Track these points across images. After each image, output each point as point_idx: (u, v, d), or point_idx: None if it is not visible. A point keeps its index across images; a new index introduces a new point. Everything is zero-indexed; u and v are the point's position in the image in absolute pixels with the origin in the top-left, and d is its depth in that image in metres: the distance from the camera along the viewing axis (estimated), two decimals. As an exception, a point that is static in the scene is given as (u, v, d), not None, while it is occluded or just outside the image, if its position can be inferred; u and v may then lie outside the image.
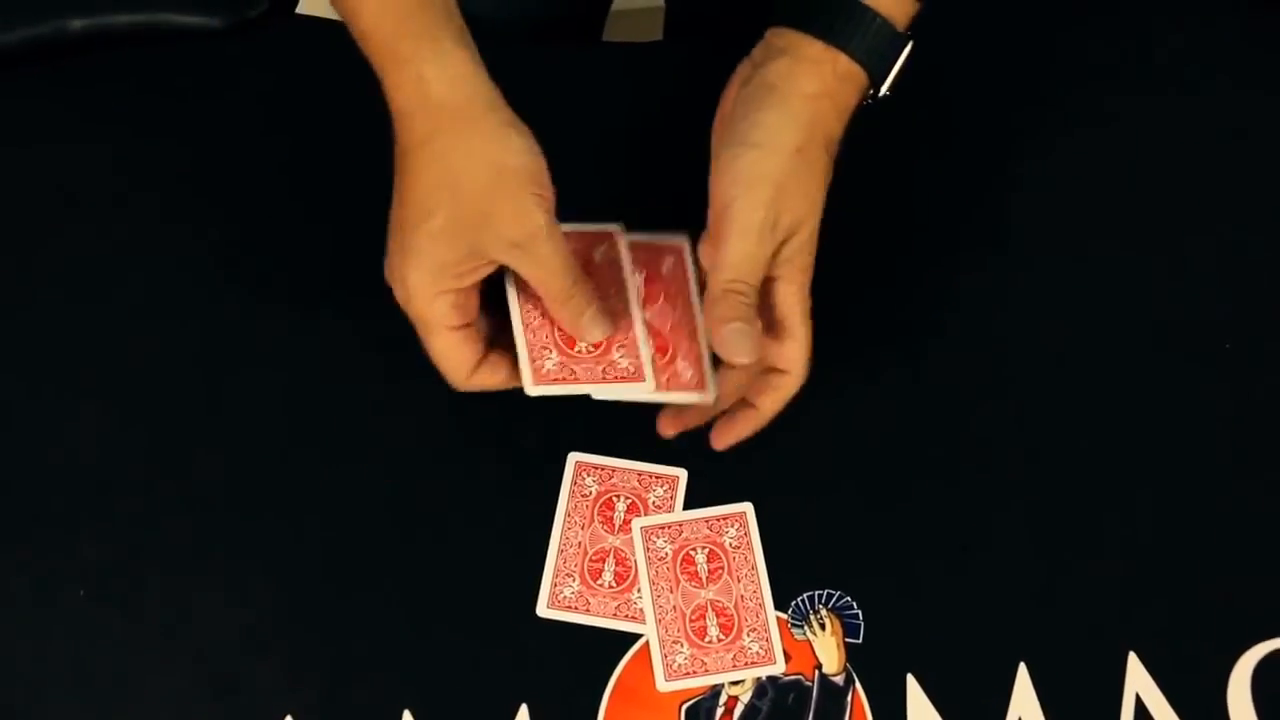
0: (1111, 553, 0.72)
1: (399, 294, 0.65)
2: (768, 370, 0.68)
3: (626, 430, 0.74)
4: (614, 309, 0.68)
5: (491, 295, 0.67)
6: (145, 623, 0.71)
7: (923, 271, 0.77)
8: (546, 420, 0.75)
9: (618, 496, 0.74)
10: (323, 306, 0.78)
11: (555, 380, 0.67)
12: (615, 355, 0.68)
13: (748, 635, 0.70)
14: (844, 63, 0.66)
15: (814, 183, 0.66)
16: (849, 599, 0.71)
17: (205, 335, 0.77)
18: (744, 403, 0.69)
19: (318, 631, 0.71)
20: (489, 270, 0.64)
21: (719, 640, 0.70)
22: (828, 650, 0.70)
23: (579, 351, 0.68)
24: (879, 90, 0.68)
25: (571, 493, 0.74)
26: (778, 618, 0.71)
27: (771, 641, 0.70)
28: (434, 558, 0.72)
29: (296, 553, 0.72)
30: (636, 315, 0.69)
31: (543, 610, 0.71)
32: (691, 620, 0.71)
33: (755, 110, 0.65)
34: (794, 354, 0.67)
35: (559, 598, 0.71)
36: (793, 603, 0.71)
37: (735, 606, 0.71)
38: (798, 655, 0.70)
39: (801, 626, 0.71)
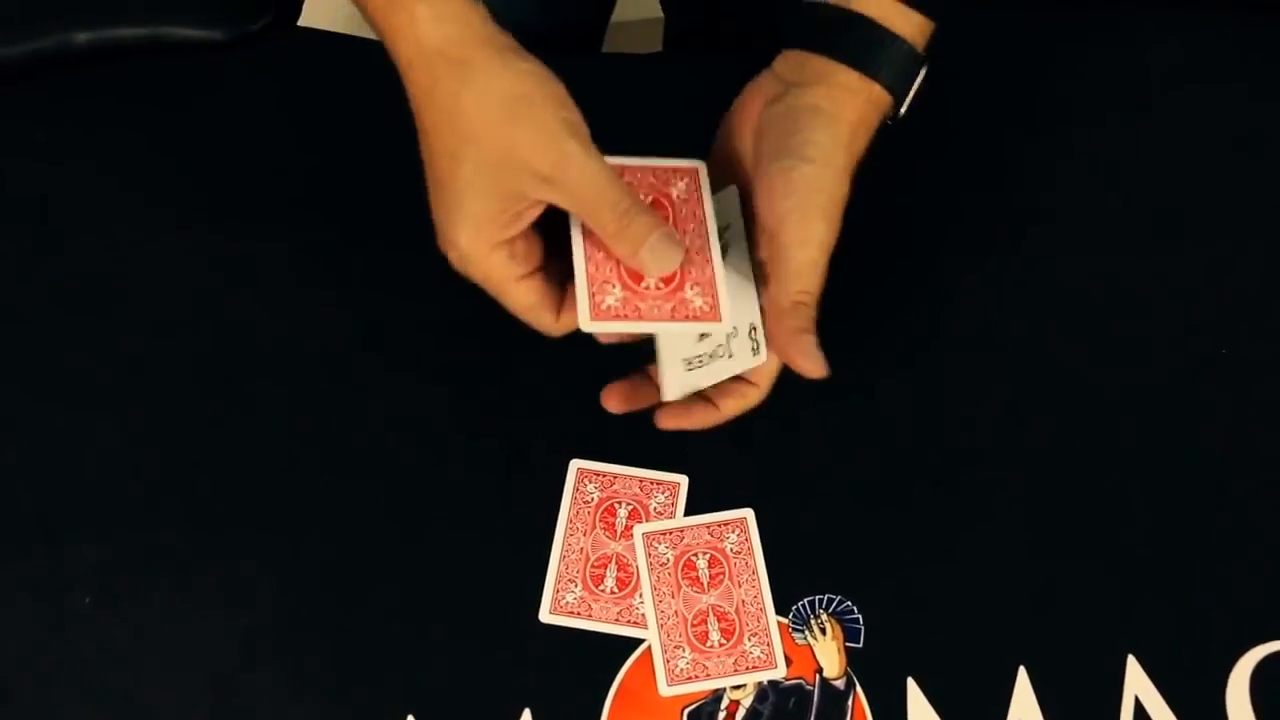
0: (1110, 556, 0.73)
1: (454, 260, 0.62)
2: (738, 379, 0.68)
3: (628, 437, 0.75)
4: (689, 246, 0.64)
5: (564, 233, 0.64)
6: (148, 629, 0.71)
7: (923, 276, 0.77)
8: (548, 427, 0.76)
9: (619, 503, 0.74)
10: (325, 316, 0.79)
11: (617, 316, 0.63)
12: (689, 293, 0.64)
13: (749, 640, 0.71)
14: (877, 91, 0.67)
15: (841, 209, 0.66)
16: (849, 604, 0.72)
17: (208, 345, 0.78)
18: (705, 399, 0.69)
19: (320, 638, 0.71)
20: (535, 212, 0.61)
21: (720, 645, 0.71)
22: (828, 654, 0.71)
23: (646, 287, 0.63)
24: (898, 113, 0.69)
25: (573, 499, 0.74)
26: (779, 622, 0.71)
27: (773, 646, 0.71)
28: (436, 564, 0.73)
29: (299, 560, 0.73)
30: (715, 252, 0.65)
31: (545, 616, 0.71)
32: (693, 625, 0.71)
33: (806, 129, 0.65)
34: (767, 370, 0.68)
35: (561, 603, 0.72)
36: (793, 607, 0.72)
37: (736, 611, 0.71)
38: (799, 660, 0.71)
39: (802, 631, 0.71)
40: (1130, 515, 0.74)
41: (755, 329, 0.66)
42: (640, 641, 0.71)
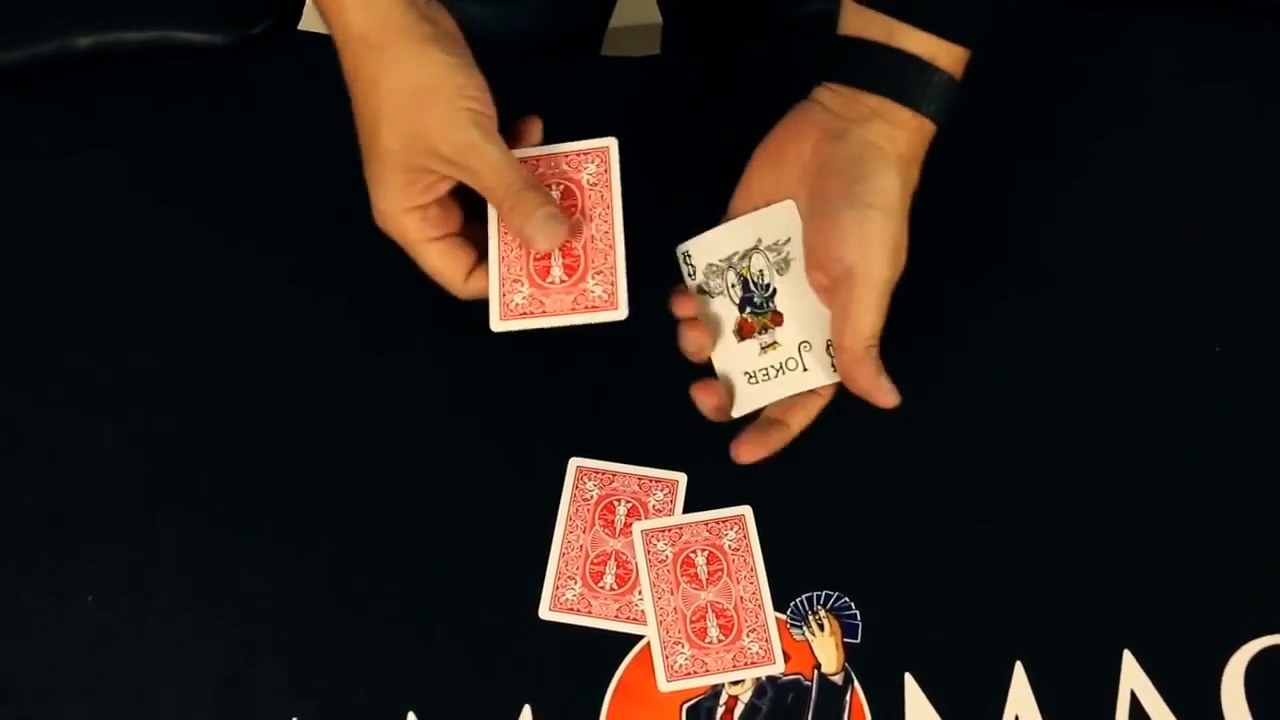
0: (1106, 553, 0.73)
1: (377, 221, 0.66)
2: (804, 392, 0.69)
3: (627, 435, 0.75)
4: (594, 233, 0.66)
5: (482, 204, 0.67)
6: (151, 630, 0.72)
7: (921, 279, 0.77)
8: (548, 426, 0.76)
9: (618, 500, 0.75)
10: (325, 317, 0.79)
11: (523, 314, 0.66)
12: (589, 282, 0.66)
13: (747, 636, 0.71)
14: (928, 126, 0.68)
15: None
16: (847, 600, 0.72)
17: (209, 346, 0.78)
18: (773, 420, 0.70)
19: (321, 636, 0.72)
20: (445, 186, 0.65)
21: (719, 641, 0.71)
22: (826, 650, 0.71)
23: (551, 282, 0.66)
24: (936, 138, 0.70)
25: (573, 497, 0.75)
26: (777, 618, 0.72)
27: (771, 642, 0.71)
28: (436, 562, 0.73)
29: (299, 559, 0.73)
30: (619, 238, 0.66)
31: (545, 613, 0.72)
32: (692, 621, 0.72)
33: (874, 175, 0.66)
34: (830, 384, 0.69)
35: (561, 600, 0.72)
36: (791, 604, 0.72)
37: (735, 608, 0.72)
38: (797, 655, 0.71)
39: (800, 627, 0.72)
40: (1126, 513, 0.74)
41: (831, 344, 0.67)
42: (639, 638, 0.72)
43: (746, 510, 0.74)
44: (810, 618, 0.72)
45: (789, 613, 0.72)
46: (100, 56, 0.86)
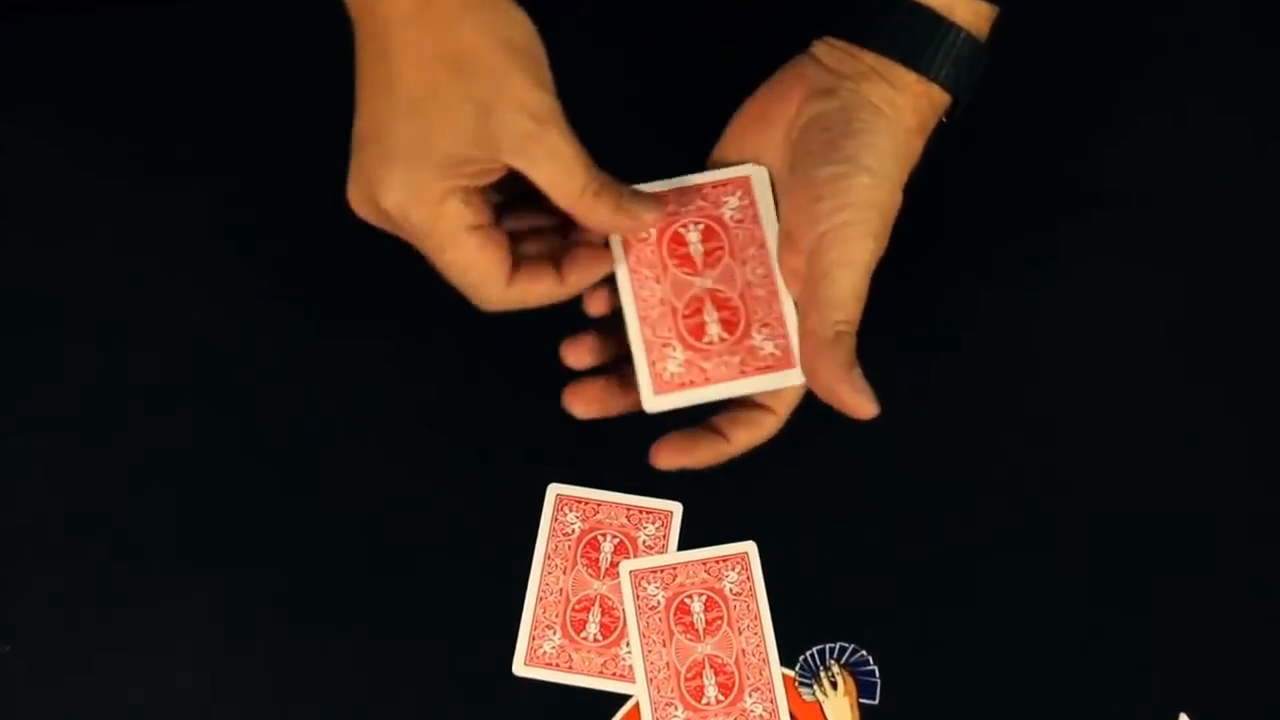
0: (1157, 599, 0.64)
1: (389, 204, 0.53)
2: (751, 404, 0.59)
3: (613, 457, 0.66)
4: (749, 278, 0.57)
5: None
6: (81, 677, 0.64)
7: (940, 292, 0.68)
8: (522, 445, 0.67)
9: (604, 535, 0.65)
10: (274, 319, 0.69)
11: (682, 385, 0.56)
12: (756, 338, 0.57)
13: (750, 696, 0.63)
14: (937, 94, 0.57)
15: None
16: (864, 654, 0.64)
17: (145, 356, 0.69)
18: (712, 428, 0.59)
19: (276, 690, 0.64)
20: (497, 173, 0.54)
21: (718, 702, 0.63)
22: (840, 712, 0.63)
23: (708, 342, 0.57)
24: (955, 112, 0.59)
25: (552, 530, 0.66)
26: (784, 675, 0.63)
27: (777, 703, 0.63)
28: (398, 609, 0.65)
29: (249, 601, 0.65)
30: (780, 283, 0.57)
31: (519, 668, 0.64)
32: (687, 679, 0.63)
33: (865, 132, 0.56)
34: (789, 394, 0.58)
35: (538, 653, 0.64)
36: (801, 658, 0.64)
37: (736, 663, 0.63)
38: (806, 718, 0.63)
39: (811, 685, 0.63)
40: (1179, 553, 0.65)
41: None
42: (627, 697, 0.63)
43: (751, 547, 0.65)
44: (822, 675, 0.63)
45: (798, 669, 0.63)
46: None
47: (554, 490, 0.66)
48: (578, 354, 0.58)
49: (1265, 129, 0.73)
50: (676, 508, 0.66)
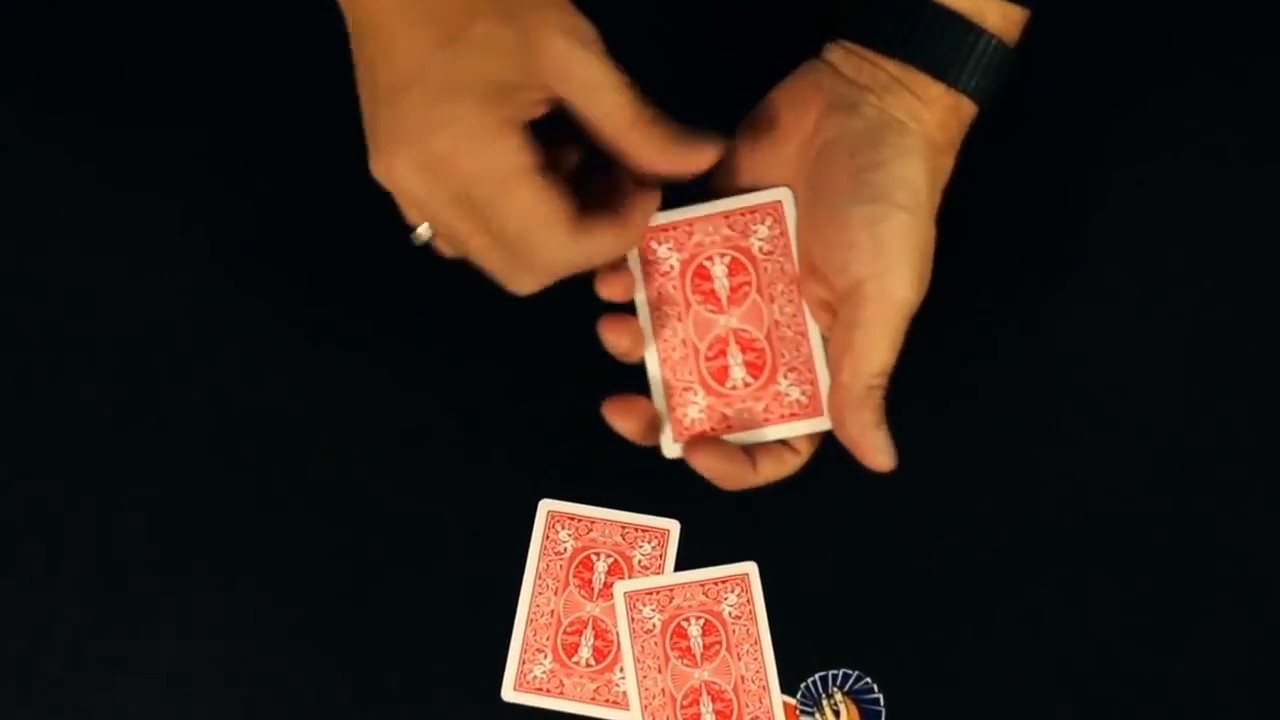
0: (1188, 637, 0.61)
1: (441, 148, 0.48)
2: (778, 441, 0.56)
3: (608, 472, 0.63)
4: (777, 316, 0.55)
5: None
6: (43, 702, 0.61)
7: (954, 302, 0.64)
8: (512, 458, 0.64)
9: (597, 554, 0.63)
10: (250, 320, 0.66)
11: (702, 433, 0.55)
12: (782, 383, 0.54)
13: (749, 724, 0.60)
14: (966, 107, 0.54)
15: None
16: (868, 680, 0.61)
17: (113, 357, 0.65)
18: (748, 453, 0.56)
19: (252, 716, 0.61)
20: (543, 107, 0.49)
21: (715, 730, 0.60)
22: (843, 742, 0.60)
23: (731, 387, 0.54)
24: (979, 120, 0.56)
25: (543, 549, 0.63)
26: (784, 703, 0.61)
27: (777, 732, 0.60)
28: (381, 630, 0.62)
29: (229, 623, 0.62)
30: (810, 321, 0.55)
31: (509, 693, 0.61)
32: (683, 707, 0.60)
33: (892, 157, 0.52)
34: (813, 436, 0.56)
35: (528, 678, 0.61)
36: (802, 685, 0.61)
37: (735, 690, 0.60)
38: (807, 749, 0.60)
39: (812, 713, 0.61)
40: (1207, 586, 0.61)
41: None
42: (620, 725, 0.61)
43: (751, 568, 0.62)
44: (824, 702, 0.61)
45: (799, 696, 0.61)
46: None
47: (545, 506, 0.63)
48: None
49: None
50: (674, 526, 0.63)
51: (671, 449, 0.55)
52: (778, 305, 0.55)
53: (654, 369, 0.55)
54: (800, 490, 0.62)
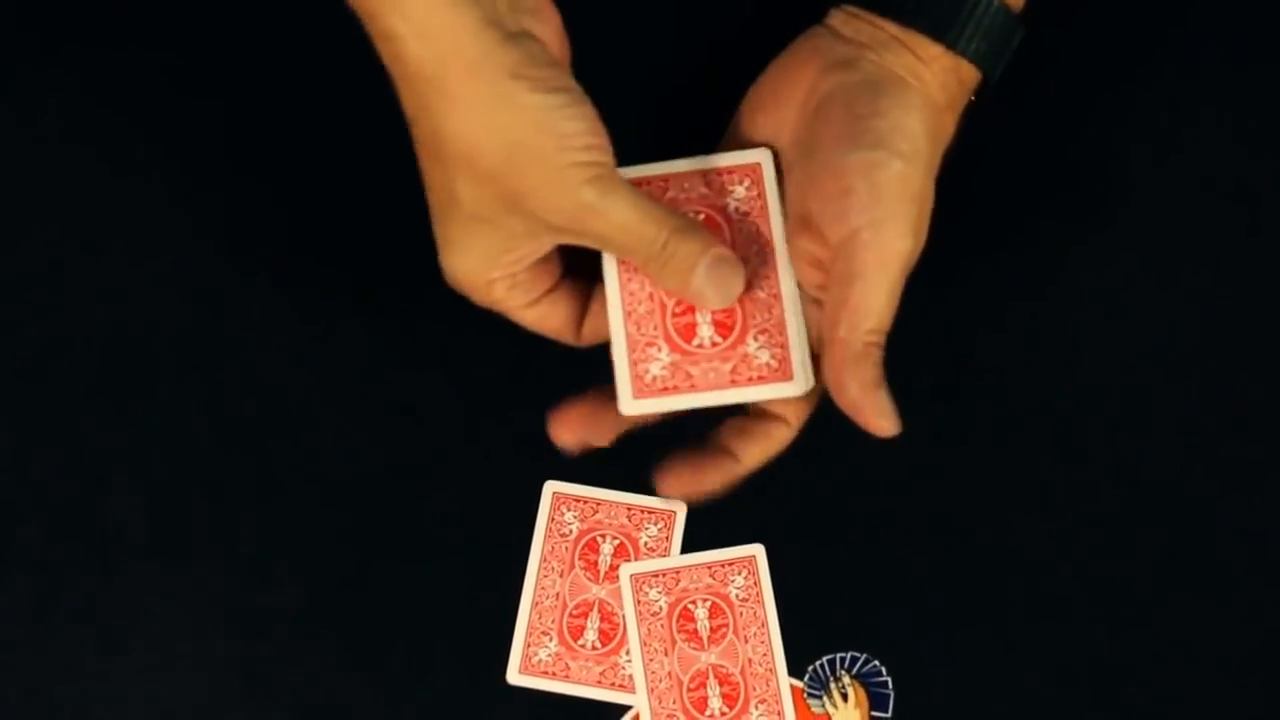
0: (1203, 625, 0.60)
1: (451, 283, 0.53)
2: (760, 414, 0.55)
3: (614, 453, 0.62)
4: (750, 277, 0.53)
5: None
6: (48, 685, 0.61)
7: (964, 293, 0.64)
8: (516, 439, 0.63)
9: (603, 536, 0.62)
10: (248, 300, 0.65)
11: (664, 390, 0.52)
12: (750, 345, 0.53)
13: (756, 707, 0.60)
14: (966, 69, 0.53)
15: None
16: (876, 664, 0.60)
17: (132, 355, 0.64)
18: (719, 447, 0.55)
19: (254, 700, 0.60)
20: (549, 245, 0.52)
21: (722, 714, 0.60)
22: (851, 725, 0.60)
23: (698, 345, 0.53)
24: (986, 90, 0.55)
25: (548, 531, 0.62)
26: (792, 686, 0.60)
27: (784, 715, 0.60)
28: (384, 613, 0.61)
29: (232, 607, 0.61)
30: (786, 283, 0.53)
31: (514, 676, 0.60)
32: (690, 689, 0.60)
33: (894, 109, 0.52)
34: (802, 403, 0.55)
35: (533, 661, 0.60)
36: (810, 668, 0.60)
37: (741, 672, 0.60)
38: (815, 732, 0.60)
39: (820, 696, 0.60)
40: (1215, 573, 0.61)
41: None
42: (626, 708, 0.60)
43: (758, 550, 0.61)
44: (832, 685, 0.60)
45: (806, 679, 0.60)
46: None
47: (550, 488, 0.62)
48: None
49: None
50: (680, 508, 0.62)
51: (629, 405, 0.53)
52: (752, 266, 0.53)
53: (617, 321, 0.53)
54: (807, 472, 0.62)
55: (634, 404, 0.52)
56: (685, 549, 0.62)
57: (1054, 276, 0.65)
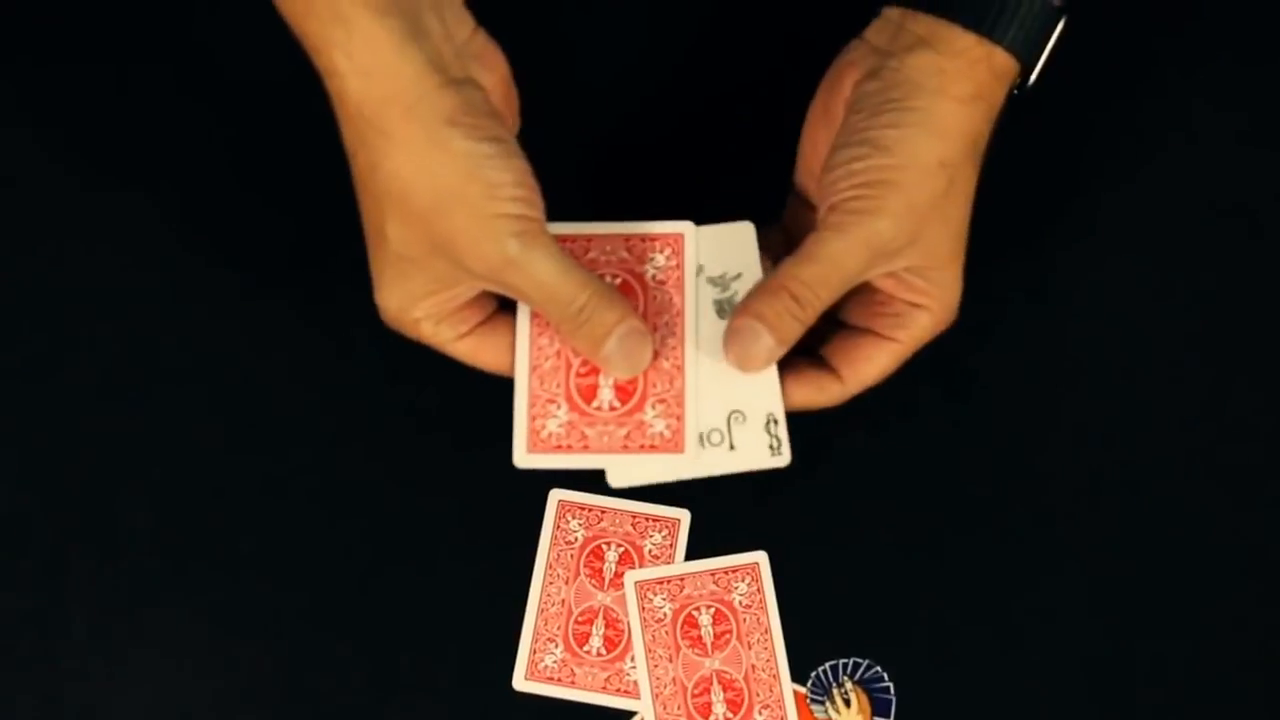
0: (1210, 633, 0.61)
1: (383, 318, 0.55)
2: (817, 363, 0.56)
3: (618, 461, 0.63)
4: (659, 346, 0.54)
5: None
6: (57, 690, 0.61)
7: (968, 296, 0.64)
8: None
9: (608, 544, 0.63)
10: (270, 330, 0.66)
11: (557, 448, 0.53)
12: (648, 413, 0.54)
13: (760, 713, 0.60)
14: (1000, 58, 0.53)
15: (958, 209, 0.54)
16: (879, 670, 0.61)
17: (139, 361, 0.65)
18: (868, 332, 0.56)
19: (261, 707, 0.61)
20: (474, 290, 0.53)
21: (726, 718, 0.60)
22: (853, 731, 0.60)
23: (597, 408, 0.54)
24: (1028, 81, 0.55)
25: (553, 539, 0.63)
26: (795, 692, 0.61)
27: (787, 720, 0.60)
28: (392, 620, 0.62)
29: (238, 614, 0.62)
30: (689, 355, 0.54)
31: (520, 683, 0.61)
32: (694, 695, 0.60)
33: (893, 111, 0.52)
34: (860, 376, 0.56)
35: (539, 667, 0.61)
36: (813, 674, 0.61)
37: (745, 678, 0.61)
38: (818, 737, 0.60)
39: (823, 702, 0.61)
40: (1221, 575, 0.62)
41: (775, 421, 0.54)
42: (631, 714, 0.61)
43: (761, 557, 0.62)
44: (835, 691, 0.61)
45: (809, 685, 0.61)
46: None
47: (556, 496, 0.63)
48: None
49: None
50: (684, 515, 0.63)
51: (523, 459, 0.54)
52: (660, 335, 0.54)
53: (522, 374, 0.54)
54: (809, 480, 0.62)
55: (527, 458, 0.54)
56: (689, 556, 0.62)
57: (1053, 281, 0.65)
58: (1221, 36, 0.68)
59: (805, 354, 0.55)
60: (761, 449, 0.54)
